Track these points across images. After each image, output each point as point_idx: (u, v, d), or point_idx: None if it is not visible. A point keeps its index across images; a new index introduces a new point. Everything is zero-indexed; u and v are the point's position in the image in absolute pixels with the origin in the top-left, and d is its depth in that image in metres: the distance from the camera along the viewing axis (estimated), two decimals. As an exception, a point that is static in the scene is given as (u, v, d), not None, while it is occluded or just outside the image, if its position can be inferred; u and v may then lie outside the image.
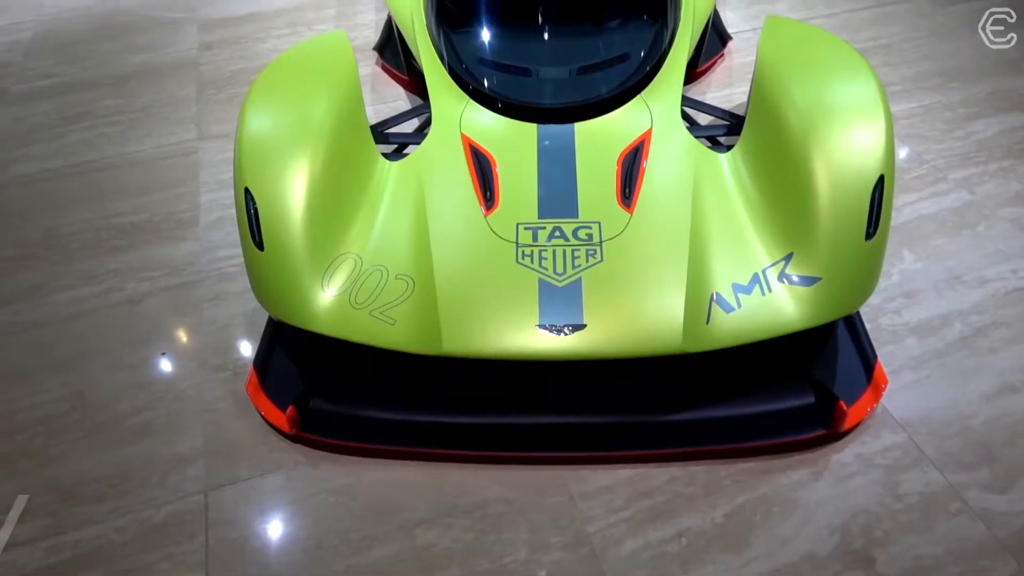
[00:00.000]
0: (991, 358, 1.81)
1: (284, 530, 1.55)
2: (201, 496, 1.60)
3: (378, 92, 2.83)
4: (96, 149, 2.64)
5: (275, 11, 3.45)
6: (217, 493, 1.60)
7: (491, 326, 1.52)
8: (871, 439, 1.65)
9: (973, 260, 2.06)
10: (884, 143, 1.59)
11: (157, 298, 2.06)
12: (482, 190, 1.73)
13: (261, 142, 1.69)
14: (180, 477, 1.63)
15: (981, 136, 2.50)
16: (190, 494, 1.60)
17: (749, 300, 1.55)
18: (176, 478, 1.63)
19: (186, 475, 1.64)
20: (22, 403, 1.80)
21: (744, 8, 3.28)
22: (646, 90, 1.96)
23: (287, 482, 1.61)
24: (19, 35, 3.39)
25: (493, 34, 2.14)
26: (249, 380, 1.75)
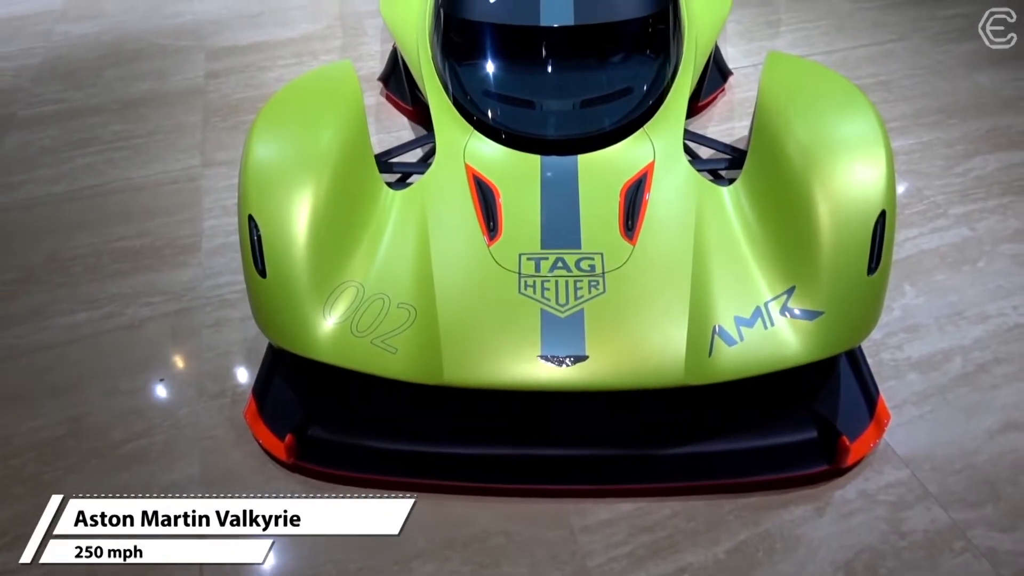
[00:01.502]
0: (993, 394, 1.80)
1: (279, 561, 1.52)
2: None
3: (382, 122, 2.85)
4: (101, 174, 2.66)
5: (281, 41, 3.50)
6: (213, 522, 1.58)
7: (492, 356, 1.51)
8: (874, 475, 1.63)
9: (974, 296, 2.06)
10: (885, 178, 1.60)
11: (157, 323, 2.06)
12: (485, 220, 1.73)
13: (266, 170, 1.69)
14: (175, 505, 1.61)
15: (980, 172, 2.52)
16: (185, 523, 1.58)
17: (751, 333, 1.55)
18: (171, 506, 1.61)
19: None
20: (18, 428, 1.79)
21: (744, 44, 3.33)
22: (648, 123, 1.98)
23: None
24: (28, 61, 3.43)
25: (498, 67, 2.17)
26: (248, 407, 1.74)
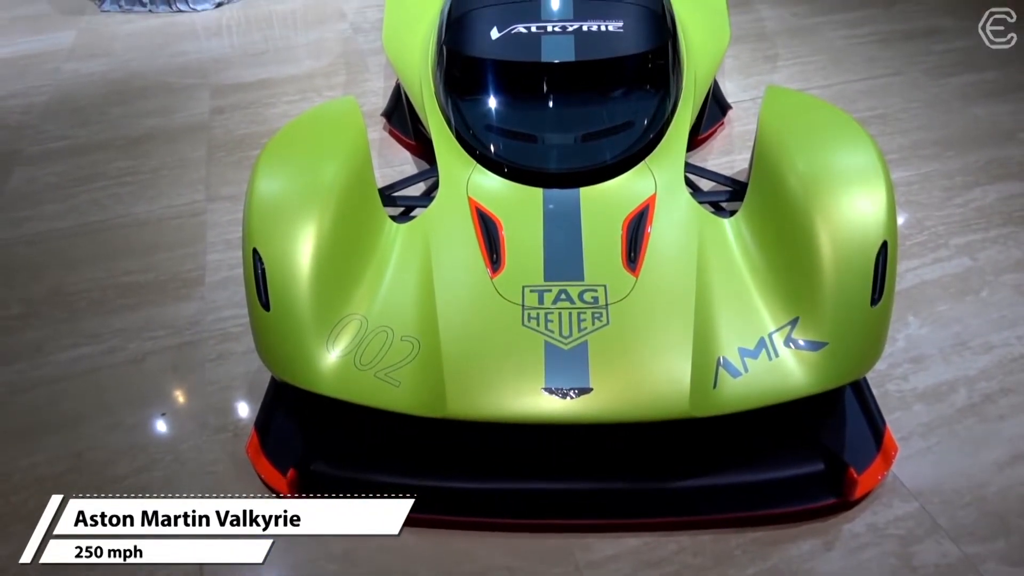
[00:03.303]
0: (1000, 425, 1.79)
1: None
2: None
3: (385, 157, 2.88)
4: (106, 209, 2.68)
5: (286, 78, 3.55)
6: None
7: (496, 389, 1.51)
8: (883, 508, 1.61)
9: (978, 326, 2.06)
10: (886, 209, 1.61)
11: (160, 357, 2.05)
12: (488, 253, 1.74)
13: (270, 203, 1.71)
14: (176, 542, 1.60)
15: (980, 203, 2.54)
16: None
17: (756, 365, 1.54)
18: (172, 543, 1.59)
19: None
20: (19, 463, 1.78)
21: (742, 79, 3.37)
22: (650, 157, 2.00)
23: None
24: (36, 98, 3.48)
25: (500, 102, 2.20)
26: (250, 441, 1.72)
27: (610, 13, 2.24)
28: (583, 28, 2.19)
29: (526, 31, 2.20)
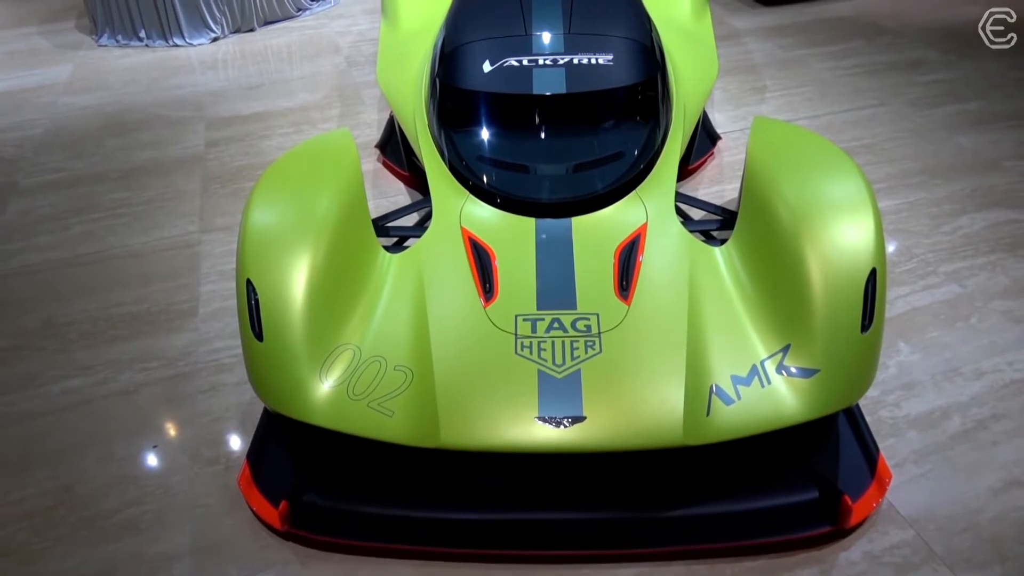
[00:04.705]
0: (994, 451, 1.79)
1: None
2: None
3: (379, 187, 2.90)
4: (100, 241, 2.68)
5: (281, 111, 3.59)
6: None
7: (490, 418, 1.50)
8: (878, 536, 1.61)
9: (969, 352, 2.07)
10: (874, 237, 1.63)
11: (152, 389, 2.04)
12: (481, 282, 1.75)
13: (265, 234, 1.72)
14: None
15: (967, 231, 2.57)
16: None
17: (749, 392, 1.55)
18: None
19: (172, 575, 1.57)
20: (8, 497, 1.76)
21: (731, 110, 3.42)
22: (640, 186, 2.02)
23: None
24: (31, 131, 3.50)
25: (492, 133, 2.23)
26: (242, 473, 1.71)
27: (600, 47, 2.28)
28: (574, 61, 2.23)
29: (518, 64, 2.24)
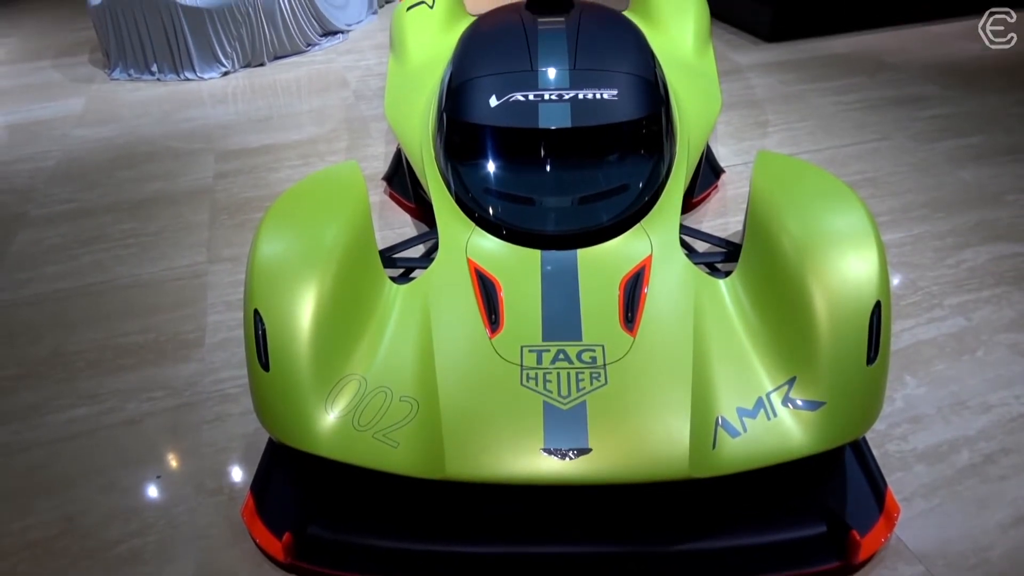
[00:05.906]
0: (1003, 486, 1.78)
1: None
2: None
3: (386, 219, 2.93)
4: (108, 271, 2.70)
5: (289, 143, 3.63)
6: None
7: (495, 450, 1.50)
8: (887, 571, 1.59)
9: (975, 385, 2.07)
10: (878, 270, 1.64)
11: (157, 419, 2.05)
12: (487, 313, 1.76)
13: (273, 265, 1.73)
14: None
15: (972, 264, 2.57)
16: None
17: (754, 424, 1.54)
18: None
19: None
20: (10, 527, 1.75)
21: (735, 144, 3.46)
22: (645, 219, 2.04)
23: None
24: (43, 163, 3.55)
25: (498, 166, 2.25)
26: (246, 504, 1.70)
27: (605, 82, 2.32)
28: (579, 96, 2.26)
29: (524, 99, 2.27)
